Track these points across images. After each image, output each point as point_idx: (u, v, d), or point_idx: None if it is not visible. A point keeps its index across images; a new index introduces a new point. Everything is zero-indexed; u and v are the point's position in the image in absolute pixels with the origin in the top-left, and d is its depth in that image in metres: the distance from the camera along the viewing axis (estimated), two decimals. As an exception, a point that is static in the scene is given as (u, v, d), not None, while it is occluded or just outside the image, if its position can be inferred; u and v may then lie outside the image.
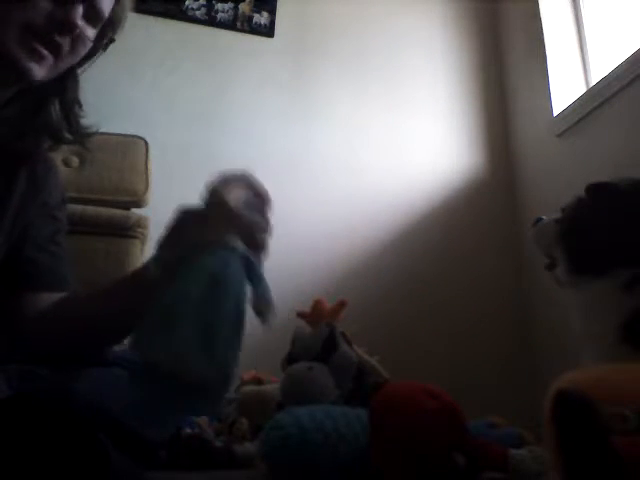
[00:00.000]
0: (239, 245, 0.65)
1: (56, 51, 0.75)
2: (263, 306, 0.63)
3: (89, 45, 0.80)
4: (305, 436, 0.75)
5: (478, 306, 2.30)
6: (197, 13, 2.36)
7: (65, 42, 0.75)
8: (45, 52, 0.73)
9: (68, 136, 0.84)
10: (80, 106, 0.85)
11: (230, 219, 0.66)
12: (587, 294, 0.86)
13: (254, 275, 0.65)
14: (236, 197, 0.68)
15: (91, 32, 0.79)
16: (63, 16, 0.72)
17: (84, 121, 0.85)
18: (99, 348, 0.79)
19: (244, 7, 2.42)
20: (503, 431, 1.04)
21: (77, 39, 0.76)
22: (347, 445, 0.76)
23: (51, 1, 0.72)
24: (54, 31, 0.73)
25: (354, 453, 0.76)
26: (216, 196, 0.68)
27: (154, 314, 0.60)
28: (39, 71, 0.74)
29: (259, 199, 0.72)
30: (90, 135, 0.87)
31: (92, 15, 0.77)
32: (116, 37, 0.84)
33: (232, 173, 0.71)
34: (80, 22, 0.75)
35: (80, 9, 0.74)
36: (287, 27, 2.45)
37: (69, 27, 0.73)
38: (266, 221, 0.71)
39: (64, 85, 0.83)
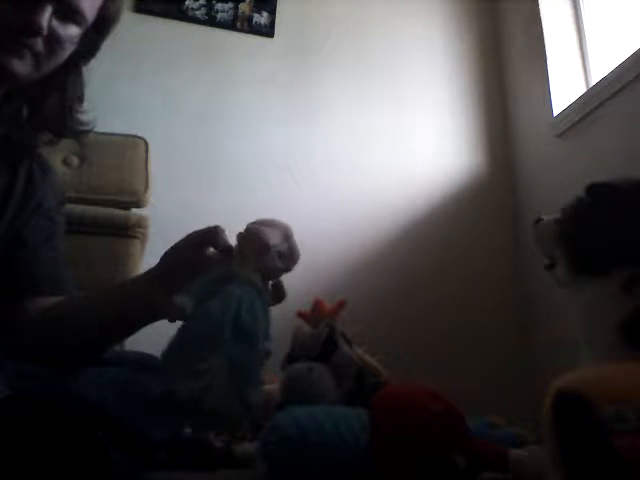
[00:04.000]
0: (259, 282, 0.67)
1: (30, 49, 0.73)
2: (264, 349, 0.65)
3: (69, 45, 0.78)
4: (305, 436, 0.75)
5: (478, 306, 2.30)
6: (197, 13, 2.36)
7: (36, 43, 0.73)
8: (21, 48, 0.72)
9: (65, 131, 0.85)
10: (81, 102, 0.85)
11: (262, 258, 0.68)
12: (587, 294, 0.86)
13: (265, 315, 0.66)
14: (274, 241, 0.70)
15: (73, 30, 0.77)
16: (25, 18, 0.70)
17: (82, 117, 0.86)
18: (95, 351, 0.79)
19: (244, 7, 2.42)
20: (503, 431, 1.04)
21: (51, 39, 0.74)
22: (347, 445, 0.76)
23: (11, 4, 0.70)
24: (20, 34, 0.71)
25: (354, 453, 0.75)
26: (255, 233, 0.70)
27: (182, 344, 0.61)
28: (21, 67, 0.73)
29: (289, 251, 0.73)
30: (87, 131, 0.87)
31: (67, 13, 0.75)
32: (115, 35, 0.85)
33: (270, 220, 0.74)
34: (46, 23, 0.72)
35: (47, 10, 0.72)
36: (287, 27, 2.45)
37: (33, 29, 0.71)
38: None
39: (66, 80, 0.83)
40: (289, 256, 0.72)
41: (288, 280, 0.82)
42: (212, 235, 0.74)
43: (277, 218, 0.77)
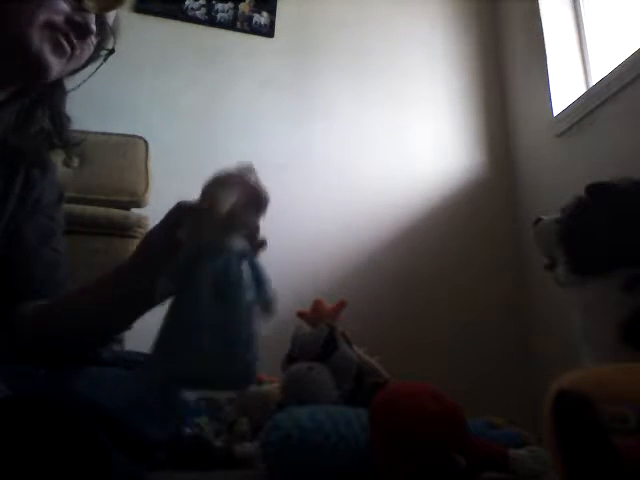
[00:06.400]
0: (238, 244, 0.65)
1: (72, 50, 0.77)
2: (266, 301, 0.64)
3: (91, 52, 0.82)
4: (305, 436, 0.75)
5: (478, 306, 2.30)
6: (197, 13, 2.36)
7: (78, 45, 0.78)
8: (67, 46, 0.76)
9: (58, 143, 0.86)
10: (68, 118, 0.87)
11: (227, 220, 0.66)
12: (587, 294, 0.86)
13: (257, 271, 0.65)
14: (232, 196, 0.68)
15: (94, 40, 0.81)
16: (81, 20, 0.76)
17: (72, 132, 0.87)
18: (92, 346, 0.79)
19: (244, 7, 2.42)
20: (503, 431, 1.04)
21: (84, 45, 0.79)
22: (347, 445, 0.76)
23: (70, 6, 0.75)
24: (71, 31, 0.76)
25: (354, 453, 0.76)
26: (212, 196, 0.68)
27: (172, 331, 0.61)
28: (57, 66, 0.77)
29: (255, 196, 0.71)
30: (78, 144, 0.88)
31: (98, 25, 0.80)
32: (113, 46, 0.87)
33: (229, 171, 0.71)
34: (94, 29, 0.78)
35: (94, 17, 0.78)
36: (287, 27, 2.45)
37: (86, 31, 0.77)
38: (259, 217, 0.71)
39: (53, 93, 0.85)
40: (255, 199, 0.71)
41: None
42: (179, 211, 0.73)
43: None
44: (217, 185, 0.69)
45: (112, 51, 0.86)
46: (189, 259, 0.63)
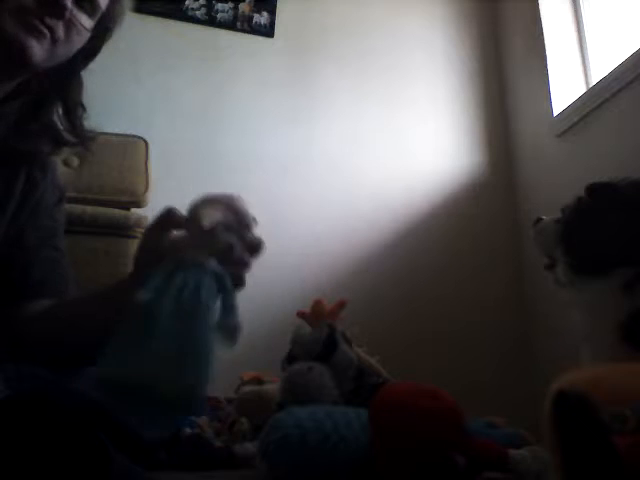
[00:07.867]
0: (211, 263, 0.64)
1: (51, 32, 0.74)
2: (229, 328, 0.63)
3: (85, 35, 0.79)
4: (305, 436, 0.75)
5: (478, 306, 2.30)
6: (197, 13, 2.36)
7: (58, 26, 0.75)
8: (43, 28, 0.73)
9: (70, 138, 0.84)
10: (84, 109, 0.85)
11: (204, 237, 0.65)
12: (587, 294, 0.86)
13: (226, 296, 0.64)
14: (213, 217, 0.67)
15: (87, 21, 0.78)
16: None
17: (87, 124, 0.85)
18: (93, 349, 0.78)
19: (244, 7, 2.42)
20: (503, 431, 1.04)
21: (70, 25, 0.76)
22: (347, 445, 0.76)
23: None
24: (45, 13, 0.73)
25: (354, 453, 0.75)
26: (193, 214, 0.67)
27: (125, 331, 0.60)
28: (38, 49, 0.74)
29: (240, 221, 0.70)
30: (93, 138, 0.87)
31: (85, 3, 0.77)
32: (115, 35, 0.84)
33: (215, 194, 0.71)
34: (70, 5, 0.74)
35: None
36: (287, 27, 2.45)
37: (59, 9, 0.73)
38: (244, 240, 0.69)
39: (66, 85, 0.83)
40: (239, 224, 0.70)
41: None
42: (167, 217, 0.70)
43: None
44: (202, 203, 0.68)
45: (107, 30, 0.83)
46: (165, 271, 0.62)
